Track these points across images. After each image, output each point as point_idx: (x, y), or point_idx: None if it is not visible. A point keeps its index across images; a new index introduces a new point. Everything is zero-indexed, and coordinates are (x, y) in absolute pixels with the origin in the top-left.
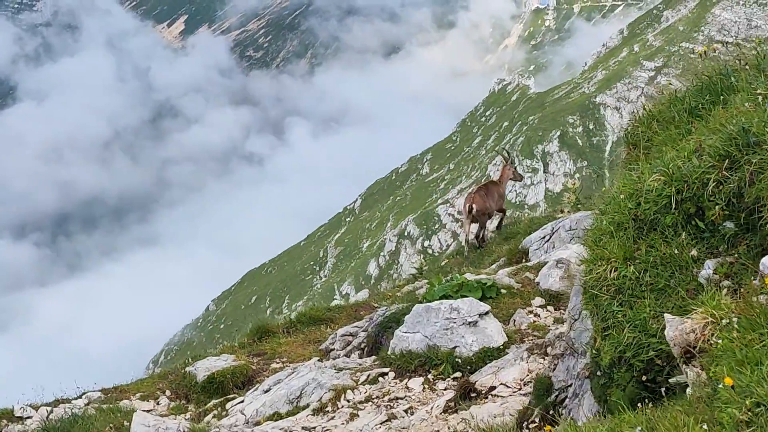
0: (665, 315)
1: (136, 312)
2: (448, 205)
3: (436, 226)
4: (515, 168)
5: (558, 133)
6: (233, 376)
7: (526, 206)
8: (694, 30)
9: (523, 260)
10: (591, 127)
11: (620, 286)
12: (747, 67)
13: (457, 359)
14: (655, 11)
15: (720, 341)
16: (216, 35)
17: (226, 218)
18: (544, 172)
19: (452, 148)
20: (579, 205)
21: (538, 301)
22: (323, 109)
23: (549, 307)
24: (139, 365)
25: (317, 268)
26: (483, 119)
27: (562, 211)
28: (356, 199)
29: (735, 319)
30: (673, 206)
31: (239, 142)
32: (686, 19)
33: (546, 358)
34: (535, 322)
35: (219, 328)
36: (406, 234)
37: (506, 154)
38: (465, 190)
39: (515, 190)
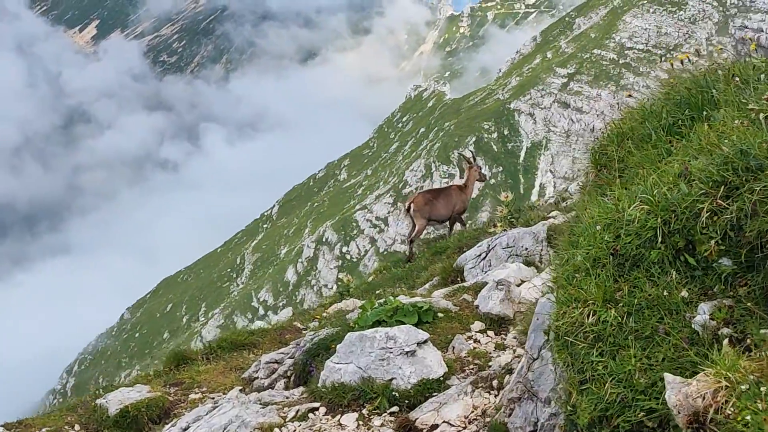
0: (665, 375)
1: (49, 322)
2: (366, 210)
3: (354, 232)
4: (480, 169)
5: (474, 139)
6: (148, 410)
7: None
8: (605, 37)
9: (459, 279)
10: (506, 133)
11: (600, 332)
12: (736, 78)
13: (394, 392)
14: (567, 18)
15: (741, 412)
16: (129, 40)
17: (140, 225)
18: (461, 177)
19: (369, 154)
20: (512, 219)
21: (477, 325)
22: (239, 115)
23: (489, 332)
24: (52, 375)
25: (234, 275)
26: (400, 125)
27: (495, 225)
28: (273, 206)
29: (764, 389)
30: (660, 240)
31: (153, 148)
32: (598, 27)
33: (492, 392)
34: (475, 348)
35: (134, 336)
36: (324, 240)
37: (470, 155)
38: (382, 197)
39: None
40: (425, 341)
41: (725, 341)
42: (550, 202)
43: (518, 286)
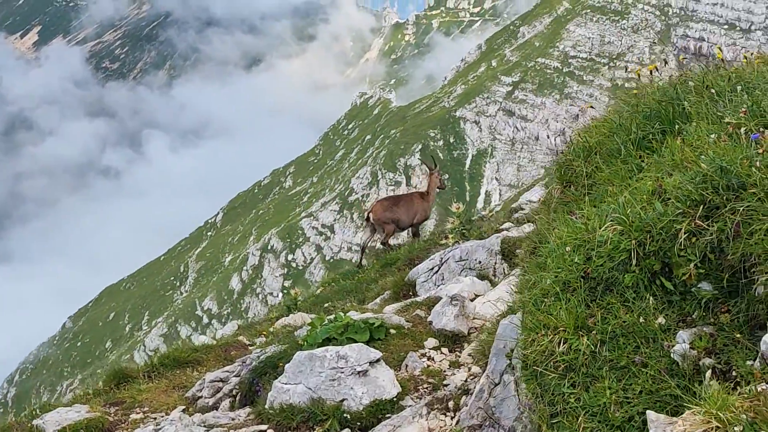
0: (648, 413)
1: None
2: (312, 218)
3: (300, 239)
4: (441, 176)
5: (419, 147)
6: (87, 431)
7: None
8: (549, 46)
9: (411, 293)
10: (451, 140)
11: (572, 362)
12: (712, 90)
13: (345, 414)
14: (512, 27)
15: None
16: (71, 46)
17: (82, 233)
18: (407, 185)
19: (315, 161)
20: (464, 231)
21: (431, 342)
22: (182, 122)
23: (443, 349)
24: None
25: (178, 284)
26: (345, 132)
27: (446, 237)
28: (218, 213)
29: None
30: (634, 262)
31: (95, 155)
32: (542, 35)
33: (448, 414)
34: (429, 366)
35: (76, 345)
36: (269, 248)
37: (432, 162)
38: (328, 204)
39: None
40: (378, 360)
41: (708, 373)
42: (500, 212)
43: (472, 300)
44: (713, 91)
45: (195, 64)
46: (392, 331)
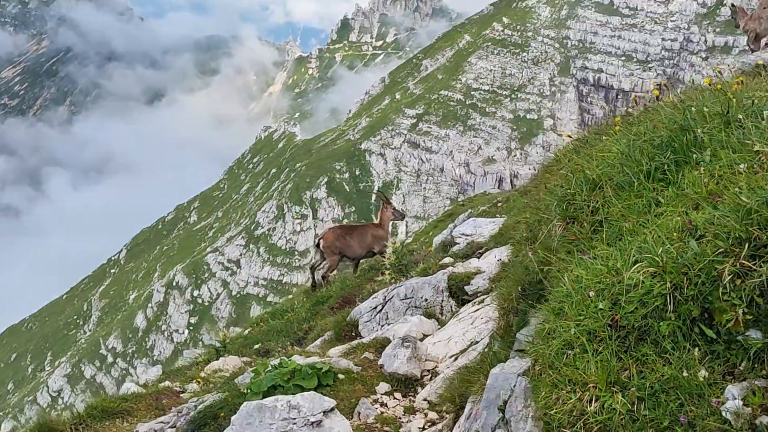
0: None
1: None
2: (218, 253)
3: (206, 275)
4: (394, 207)
5: (325, 180)
6: None
7: (296, 252)
8: (452, 78)
9: (354, 334)
10: (357, 173)
11: (606, 423)
12: (739, 117)
13: None
14: (414, 60)
15: None
16: None
17: None
18: (314, 218)
19: (220, 195)
20: (401, 267)
21: (383, 387)
22: (84, 158)
23: (396, 394)
24: None
25: (81, 322)
26: (250, 166)
27: (381, 273)
28: (121, 250)
29: None
30: (670, 308)
31: None
32: (444, 68)
33: None
34: (383, 413)
35: None
36: (174, 284)
37: (383, 196)
38: (234, 239)
39: (285, 237)
40: (332, 409)
41: None
42: (434, 246)
43: (421, 340)
44: (740, 117)
45: (96, 99)
46: (341, 376)
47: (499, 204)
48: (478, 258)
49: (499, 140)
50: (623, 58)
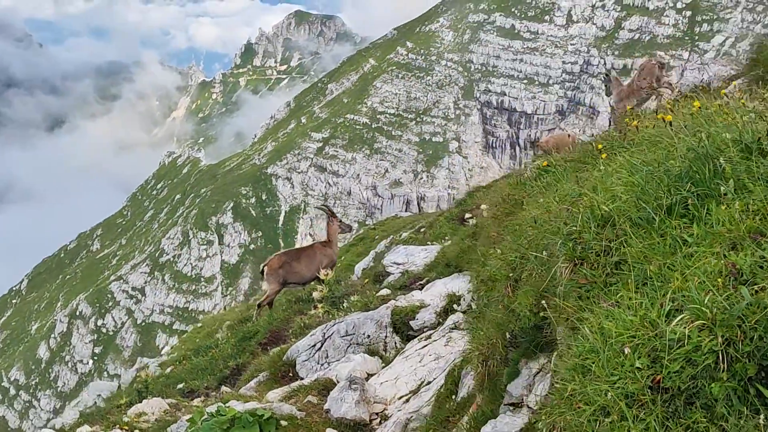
0: None
1: None
2: (122, 281)
3: (110, 303)
4: (341, 220)
5: (231, 205)
6: None
7: (202, 278)
8: (357, 102)
9: (291, 374)
10: (264, 197)
11: None
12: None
13: None
14: (320, 84)
15: None
16: None
17: None
18: (220, 243)
19: (124, 222)
20: (334, 300)
21: None
22: None
23: None
24: None
25: None
26: (154, 192)
27: (314, 307)
28: (22, 280)
29: None
30: (723, 367)
31: None
32: (350, 92)
33: None
34: None
35: None
36: (77, 313)
37: (327, 209)
38: (138, 266)
39: (191, 263)
40: None
41: None
42: (356, 274)
43: (366, 380)
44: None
45: None
46: (284, 422)
47: (423, 230)
48: (420, 290)
49: (405, 163)
50: (525, 81)
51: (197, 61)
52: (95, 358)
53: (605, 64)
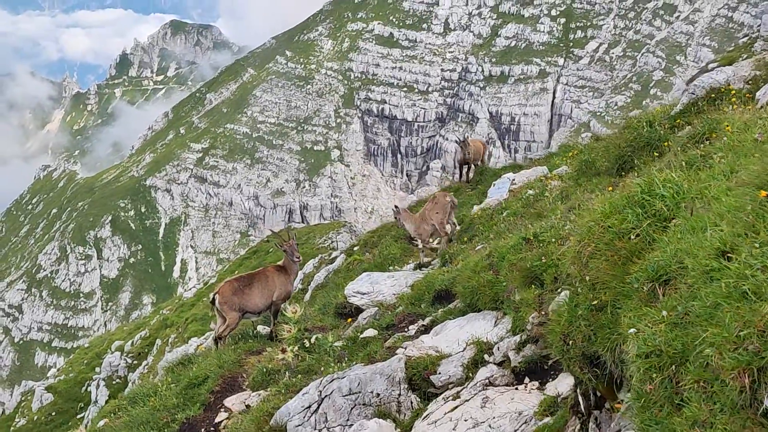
0: None
1: None
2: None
3: None
4: (291, 246)
5: (110, 218)
6: None
7: (81, 294)
8: (237, 111)
9: None
10: (143, 210)
11: None
12: None
13: None
14: (198, 94)
15: None
16: None
17: None
18: (98, 258)
19: None
20: (304, 341)
21: None
22: None
23: None
24: None
25: None
26: (30, 207)
27: (283, 351)
28: None
29: None
30: None
31: None
32: (229, 101)
33: None
34: None
35: None
36: None
37: (279, 237)
38: (15, 283)
39: (69, 279)
40: None
41: None
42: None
43: None
44: None
45: None
46: None
47: (357, 248)
48: (424, 332)
49: (287, 172)
50: (405, 89)
51: (70, 73)
52: None
53: (483, 71)
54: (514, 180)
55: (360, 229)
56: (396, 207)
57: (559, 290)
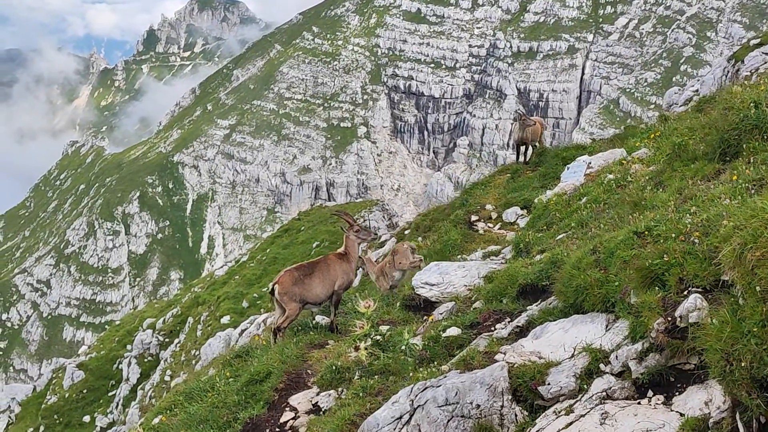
0: None
1: None
2: (26, 274)
3: (15, 297)
4: (359, 228)
5: (138, 194)
6: None
7: (109, 270)
8: (264, 88)
9: None
10: (171, 186)
11: None
12: None
13: None
14: (225, 70)
15: None
16: None
17: None
18: (126, 234)
19: (26, 214)
20: (378, 338)
21: None
22: None
23: None
24: None
25: None
26: (58, 183)
27: (355, 349)
28: None
29: None
30: None
31: None
32: (256, 78)
33: None
34: None
35: None
36: None
37: (343, 215)
38: (43, 258)
39: (97, 255)
40: None
41: None
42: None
43: None
44: None
45: None
46: None
47: (408, 232)
48: (522, 333)
49: (314, 149)
50: (432, 65)
51: (98, 48)
52: (0, 353)
53: (511, 47)
54: (590, 163)
55: (392, 209)
56: (360, 258)
57: (687, 293)
